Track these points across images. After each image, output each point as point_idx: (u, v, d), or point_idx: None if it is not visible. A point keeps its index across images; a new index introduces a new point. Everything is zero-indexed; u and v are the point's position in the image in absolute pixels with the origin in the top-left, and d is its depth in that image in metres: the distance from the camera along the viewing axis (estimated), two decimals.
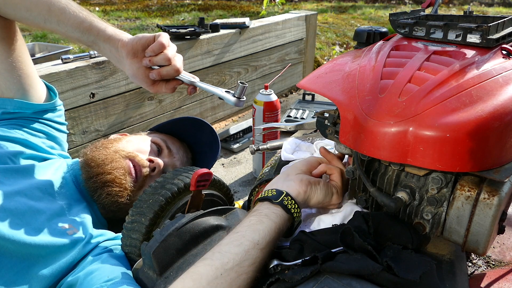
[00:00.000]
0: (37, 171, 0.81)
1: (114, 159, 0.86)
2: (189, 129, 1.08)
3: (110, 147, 0.90)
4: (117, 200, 0.83)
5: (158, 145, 0.97)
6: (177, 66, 0.80)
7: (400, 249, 0.53)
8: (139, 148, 0.93)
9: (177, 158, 0.99)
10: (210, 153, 1.10)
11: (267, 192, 0.62)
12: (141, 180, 0.88)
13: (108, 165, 0.84)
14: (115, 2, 4.48)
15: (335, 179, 0.68)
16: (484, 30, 0.61)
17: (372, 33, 1.41)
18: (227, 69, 1.76)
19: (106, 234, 0.79)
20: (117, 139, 0.95)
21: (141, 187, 0.89)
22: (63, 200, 0.80)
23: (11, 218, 0.67)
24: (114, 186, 0.83)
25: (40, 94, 0.92)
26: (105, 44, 0.79)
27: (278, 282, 0.50)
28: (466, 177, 0.55)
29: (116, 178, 0.84)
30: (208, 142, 1.09)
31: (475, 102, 0.51)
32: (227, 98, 0.81)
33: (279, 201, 0.60)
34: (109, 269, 0.65)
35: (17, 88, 0.86)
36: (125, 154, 0.89)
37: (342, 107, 0.58)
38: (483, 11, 4.64)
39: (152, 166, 0.90)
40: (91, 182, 0.84)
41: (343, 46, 2.92)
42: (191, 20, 3.40)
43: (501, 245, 1.02)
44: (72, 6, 0.78)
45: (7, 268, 0.64)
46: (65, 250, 0.70)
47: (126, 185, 0.85)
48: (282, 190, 0.61)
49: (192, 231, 0.60)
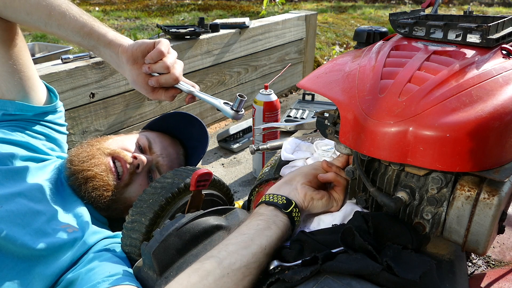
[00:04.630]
0: (35, 172, 0.81)
1: (95, 156, 0.87)
2: (180, 124, 1.09)
3: (95, 145, 0.91)
4: (103, 194, 0.84)
5: (142, 144, 0.98)
6: (176, 74, 0.79)
7: (400, 249, 0.53)
8: (124, 145, 0.93)
9: (162, 155, 0.99)
10: (200, 147, 1.10)
11: (276, 197, 0.62)
12: (127, 177, 0.89)
13: (88, 162, 0.85)
14: (115, 2, 4.48)
15: (339, 192, 0.68)
16: (484, 30, 0.61)
17: (372, 33, 1.41)
18: (227, 69, 1.76)
19: (104, 232, 0.79)
20: (104, 138, 0.96)
21: (128, 185, 0.89)
22: (61, 200, 0.80)
23: (13, 219, 0.68)
24: (96, 181, 0.83)
25: (41, 96, 0.92)
26: (106, 49, 0.79)
27: (278, 282, 0.50)
28: (466, 177, 0.55)
29: (97, 175, 0.84)
30: (199, 136, 1.10)
31: (475, 102, 0.51)
32: (225, 110, 0.81)
33: (289, 211, 0.60)
34: (110, 266, 0.66)
35: (18, 90, 0.87)
36: (108, 151, 0.89)
37: (342, 107, 0.58)
38: (483, 11, 4.64)
39: (135, 162, 0.90)
40: (73, 178, 0.84)
41: (343, 46, 2.92)
42: (191, 20, 3.40)
43: (501, 245, 1.02)
44: (73, 10, 0.77)
45: (8, 268, 0.64)
46: (66, 248, 0.70)
47: (109, 181, 0.85)
48: (291, 200, 0.62)
49: (192, 231, 0.60)
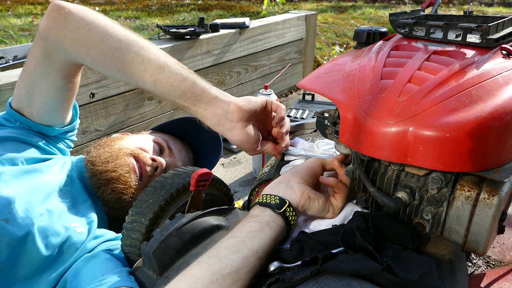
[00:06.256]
0: (44, 170, 0.81)
1: (119, 156, 0.86)
2: (190, 129, 1.08)
3: (113, 144, 0.90)
4: (121, 197, 0.83)
5: (160, 144, 0.97)
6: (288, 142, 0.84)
7: (400, 249, 0.53)
8: (142, 146, 0.93)
9: (179, 158, 0.99)
10: (212, 152, 1.10)
11: (269, 198, 0.60)
12: (146, 179, 0.89)
13: (112, 162, 0.84)
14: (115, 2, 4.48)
15: (339, 199, 0.66)
16: (484, 30, 0.61)
17: (372, 33, 1.41)
18: (227, 69, 1.76)
19: (108, 234, 0.79)
20: (119, 138, 0.95)
21: (145, 186, 0.89)
22: (70, 199, 0.80)
23: (25, 220, 0.68)
24: (118, 183, 0.83)
25: (66, 118, 0.92)
26: (209, 106, 0.73)
27: (278, 282, 0.50)
28: (466, 177, 0.55)
29: (121, 176, 0.84)
30: (210, 142, 1.09)
31: (475, 102, 0.51)
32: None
33: (282, 211, 0.58)
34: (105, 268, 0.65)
35: (49, 118, 0.86)
36: (129, 151, 0.89)
37: (342, 107, 0.58)
38: (483, 11, 4.64)
39: (154, 165, 0.90)
40: (95, 179, 0.84)
41: (343, 46, 2.92)
42: (191, 20, 3.40)
43: (501, 245, 1.02)
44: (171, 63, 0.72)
45: (18, 268, 0.65)
46: (74, 249, 0.71)
47: (131, 183, 0.85)
48: (285, 199, 0.60)
49: (192, 231, 0.60)
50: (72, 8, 0.72)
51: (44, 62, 0.78)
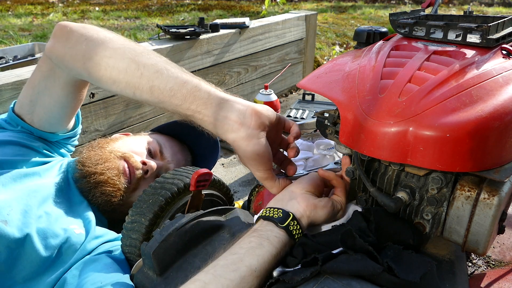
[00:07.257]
0: (42, 173, 0.81)
1: (108, 159, 0.86)
2: (190, 131, 1.08)
3: (106, 147, 0.90)
4: (110, 199, 0.83)
5: (153, 147, 0.97)
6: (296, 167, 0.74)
7: (400, 249, 0.53)
8: (134, 149, 0.93)
9: (171, 161, 0.99)
10: (210, 156, 1.09)
11: (272, 211, 0.58)
12: (135, 182, 0.88)
13: (101, 164, 0.84)
14: (115, 2, 4.49)
15: (340, 194, 0.65)
16: (484, 30, 0.61)
17: (372, 33, 1.41)
18: (227, 69, 1.76)
19: (108, 235, 0.79)
20: (114, 139, 0.96)
21: (135, 189, 0.89)
22: (67, 201, 0.80)
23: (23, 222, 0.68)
24: (107, 186, 0.83)
25: (68, 127, 0.92)
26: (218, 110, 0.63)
27: (278, 283, 0.50)
28: (466, 177, 0.55)
29: (109, 179, 0.84)
30: (209, 145, 1.09)
31: (475, 102, 0.51)
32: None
33: (285, 225, 0.55)
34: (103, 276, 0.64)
35: (50, 127, 0.87)
36: (120, 154, 0.89)
37: (342, 107, 0.58)
38: (483, 11, 4.64)
39: (145, 168, 0.90)
40: (84, 181, 0.83)
41: (343, 46, 2.92)
42: (191, 20, 3.40)
43: (501, 245, 1.02)
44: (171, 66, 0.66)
45: (17, 270, 0.65)
46: (73, 250, 0.71)
47: (120, 186, 0.85)
48: (288, 212, 0.57)
49: (192, 231, 0.60)
50: (74, 26, 0.73)
51: (49, 78, 0.79)
